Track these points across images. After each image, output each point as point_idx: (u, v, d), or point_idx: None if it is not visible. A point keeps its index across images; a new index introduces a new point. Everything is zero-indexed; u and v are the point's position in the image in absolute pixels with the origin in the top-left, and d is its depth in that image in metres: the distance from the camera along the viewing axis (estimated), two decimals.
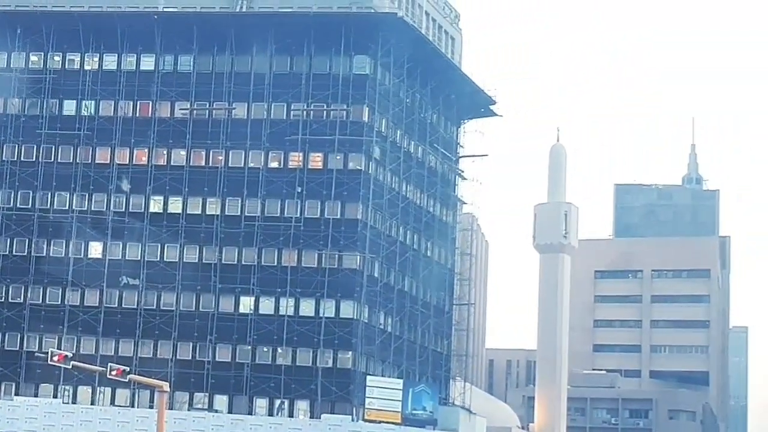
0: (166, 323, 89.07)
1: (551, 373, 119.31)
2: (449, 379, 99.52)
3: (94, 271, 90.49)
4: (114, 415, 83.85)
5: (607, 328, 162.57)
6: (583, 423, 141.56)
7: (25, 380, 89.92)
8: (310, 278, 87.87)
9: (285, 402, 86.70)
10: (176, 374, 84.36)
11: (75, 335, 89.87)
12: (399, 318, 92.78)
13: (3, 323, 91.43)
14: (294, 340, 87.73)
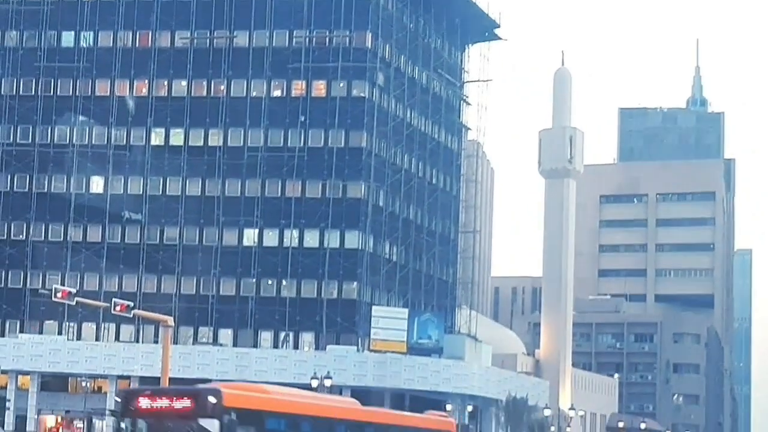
0: (169, 258, 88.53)
1: (556, 300, 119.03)
2: (455, 307, 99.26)
3: (96, 207, 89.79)
4: (119, 351, 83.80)
5: (612, 253, 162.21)
6: (588, 348, 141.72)
7: (30, 318, 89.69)
8: (315, 209, 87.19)
9: (290, 334, 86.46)
10: (180, 309, 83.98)
11: (78, 272, 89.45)
12: (404, 247, 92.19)
13: (5, 261, 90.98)
14: (298, 271, 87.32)
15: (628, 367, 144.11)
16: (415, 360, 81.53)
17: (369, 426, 32.23)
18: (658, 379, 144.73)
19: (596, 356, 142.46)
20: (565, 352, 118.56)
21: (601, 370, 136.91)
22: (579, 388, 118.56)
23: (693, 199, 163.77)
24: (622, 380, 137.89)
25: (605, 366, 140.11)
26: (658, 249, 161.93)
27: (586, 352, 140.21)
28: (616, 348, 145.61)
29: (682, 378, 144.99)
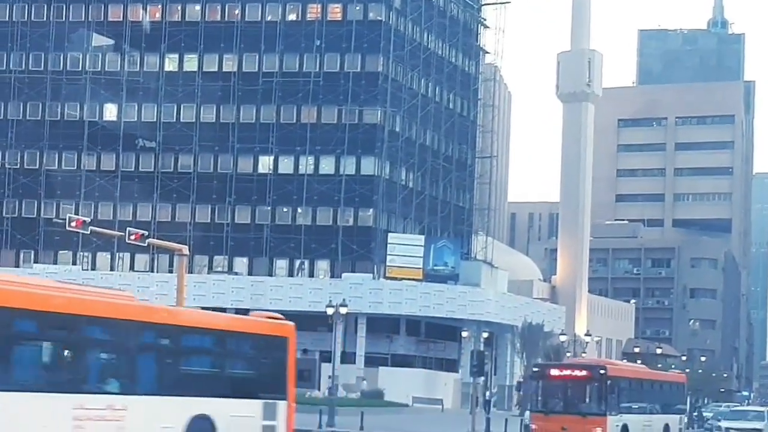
0: (183, 186, 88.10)
1: (573, 225, 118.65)
2: (471, 233, 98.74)
3: (109, 134, 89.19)
4: (133, 281, 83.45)
5: (630, 177, 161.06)
6: (605, 274, 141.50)
7: (44, 248, 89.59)
8: (330, 135, 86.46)
9: (305, 262, 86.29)
10: (195, 237, 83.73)
11: (92, 201, 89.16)
12: (420, 173, 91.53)
13: (19, 190, 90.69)
14: (314, 199, 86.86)
15: (644, 293, 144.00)
16: (430, 287, 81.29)
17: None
18: (674, 305, 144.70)
19: (613, 282, 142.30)
20: (581, 278, 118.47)
21: (618, 296, 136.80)
22: (595, 314, 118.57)
23: (712, 123, 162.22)
24: (638, 306, 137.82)
25: (622, 291, 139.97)
26: (676, 173, 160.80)
27: (603, 277, 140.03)
28: (632, 273, 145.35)
29: (698, 303, 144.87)
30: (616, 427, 37.46)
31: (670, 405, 44.43)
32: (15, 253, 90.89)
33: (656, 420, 41.82)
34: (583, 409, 37.64)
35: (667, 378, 49.94)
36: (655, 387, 43.93)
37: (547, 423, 37.45)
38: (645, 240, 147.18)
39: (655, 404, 42.55)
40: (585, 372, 38.69)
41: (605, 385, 37.41)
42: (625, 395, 39.34)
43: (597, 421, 37.00)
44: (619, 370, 41.07)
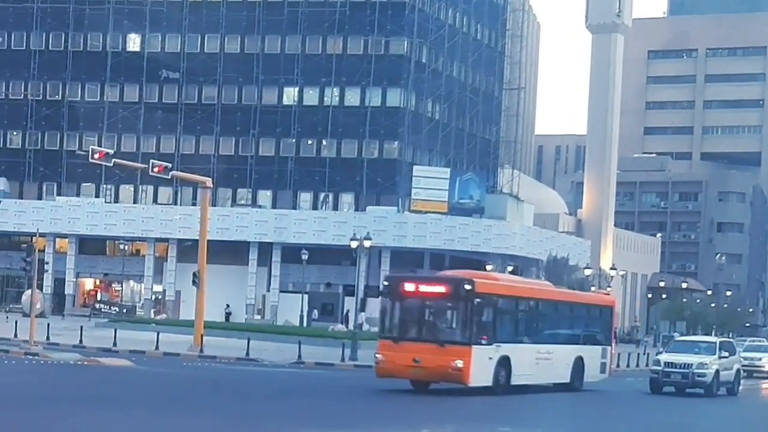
0: (207, 118, 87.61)
1: (600, 158, 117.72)
2: (497, 166, 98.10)
3: (132, 65, 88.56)
4: (157, 213, 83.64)
5: (659, 110, 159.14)
6: (631, 207, 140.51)
7: (67, 180, 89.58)
8: (356, 66, 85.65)
9: (329, 195, 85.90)
10: (219, 170, 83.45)
11: (115, 132, 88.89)
12: (447, 105, 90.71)
13: (42, 122, 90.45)
14: (339, 131, 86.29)
15: (671, 227, 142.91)
16: (455, 220, 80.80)
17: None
18: (701, 239, 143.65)
19: (639, 215, 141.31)
20: (607, 212, 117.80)
21: (644, 230, 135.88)
22: (621, 248, 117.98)
23: (743, 54, 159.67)
24: (664, 240, 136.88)
25: (648, 225, 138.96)
26: (705, 106, 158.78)
27: (629, 211, 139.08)
28: (659, 207, 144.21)
29: (725, 237, 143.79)
30: (489, 359, 30.56)
31: (588, 334, 37.41)
32: (38, 185, 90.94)
33: (560, 352, 34.74)
34: (440, 335, 30.62)
35: (581, 299, 40.36)
36: (561, 310, 36.39)
37: (396, 353, 30.34)
38: (672, 173, 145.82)
39: (560, 332, 35.70)
40: (444, 287, 31.15)
41: (471, 305, 30.04)
42: (509, 319, 33.14)
43: (458, 351, 29.78)
44: (495, 286, 32.38)
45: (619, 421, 27.67)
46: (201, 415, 22.34)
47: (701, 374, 37.07)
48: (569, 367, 35.23)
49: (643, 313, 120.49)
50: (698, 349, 38.76)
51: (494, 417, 26.29)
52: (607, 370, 37.89)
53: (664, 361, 37.97)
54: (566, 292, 40.91)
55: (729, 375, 38.64)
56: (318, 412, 24.28)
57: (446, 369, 29.72)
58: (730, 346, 40.58)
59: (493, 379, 30.88)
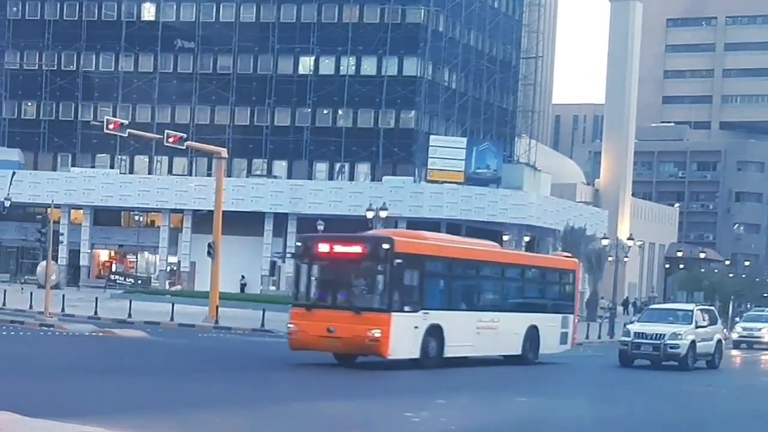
0: (222, 87, 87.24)
1: (618, 127, 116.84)
2: (514, 136, 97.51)
3: (147, 35, 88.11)
4: (172, 184, 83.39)
5: (678, 78, 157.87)
6: (649, 177, 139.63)
7: (82, 151, 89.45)
8: (372, 35, 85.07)
9: (345, 165, 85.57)
10: (234, 140, 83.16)
11: (130, 103, 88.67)
12: (464, 74, 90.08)
13: (56, 93, 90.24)
14: (355, 100, 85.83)
15: (689, 196, 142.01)
16: (472, 190, 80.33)
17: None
18: (719, 209, 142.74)
19: (657, 185, 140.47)
20: (625, 181, 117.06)
21: (662, 200, 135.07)
22: (638, 218, 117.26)
23: (763, 22, 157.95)
24: (682, 209, 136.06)
25: (666, 195, 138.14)
26: (724, 74, 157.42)
27: (647, 181, 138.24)
28: (677, 177, 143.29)
29: (743, 207, 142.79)
30: (414, 329, 27.39)
31: (545, 300, 34.38)
32: (53, 156, 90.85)
33: (509, 320, 31.57)
34: (357, 302, 27.34)
35: (535, 262, 36.89)
36: (509, 274, 33.10)
37: (309, 322, 27.42)
38: (691, 143, 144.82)
39: (509, 298, 32.58)
40: (361, 247, 27.75)
41: (391, 267, 26.77)
42: (441, 284, 29.80)
43: (375, 319, 26.61)
44: (421, 246, 28.87)
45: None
46: (213, 383, 22.15)
47: (674, 345, 34.12)
48: (520, 338, 32.13)
49: (661, 284, 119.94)
50: (673, 318, 35.88)
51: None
52: (568, 340, 34.93)
53: (634, 331, 35.06)
54: (517, 254, 38.92)
55: (708, 346, 35.69)
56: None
57: (362, 340, 26.64)
58: (711, 315, 37.39)
59: (421, 351, 27.70)
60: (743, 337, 53.96)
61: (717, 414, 22.85)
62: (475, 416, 19.19)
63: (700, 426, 20.47)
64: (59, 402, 17.69)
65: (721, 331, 37.49)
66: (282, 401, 19.83)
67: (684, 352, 34.18)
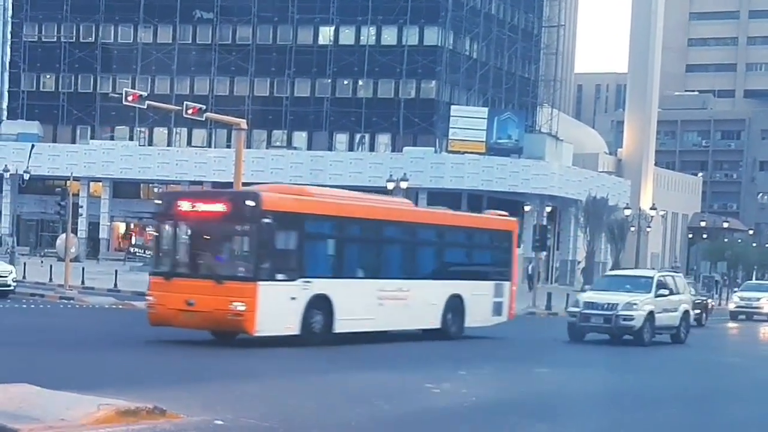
0: (242, 58, 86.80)
1: (641, 96, 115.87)
2: (536, 105, 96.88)
3: (166, 6, 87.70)
4: (191, 156, 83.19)
5: (702, 47, 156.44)
6: (672, 146, 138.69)
7: (100, 123, 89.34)
8: (393, 4, 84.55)
9: (366, 136, 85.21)
10: (254, 111, 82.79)
11: (149, 74, 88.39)
12: (485, 43, 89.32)
13: (75, 65, 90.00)
14: (375, 71, 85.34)
15: (712, 166, 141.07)
16: (493, 160, 79.81)
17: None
18: (743, 178, 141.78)
19: (680, 155, 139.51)
20: (648, 151, 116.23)
21: (685, 169, 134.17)
22: (661, 188, 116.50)
23: None
24: (706, 179, 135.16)
25: (689, 164, 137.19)
26: (749, 42, 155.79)
27: (670, 150, 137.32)
28: (701, 146, 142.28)
29: None
30: (291, 300, 23.63)
31: (473, 266, 30.63)
32: (72, 128, 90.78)
33: (423, 289, 27.61)
34: (219, 269, 23.72)
35: (459, 222, 31.59)
36: (423, 236, 28.93)
37: (167, 293, 23.80)
38: (715, 111, 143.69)
39: (423, 263, 28.67)
40: (224, 205, 24.02)
41: (258, 228, 23.12)
42: (329, 247, 26.00)
43: (239, 289, 22.98)
44: (298, 203, 24.72)
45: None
46: (238, 355, 21.92)
47: (628, 317, 30.08)
48: (439, 309, 28.16)
49: (684, 254, 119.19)
50: (631, 286, 31.64)
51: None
52: (504, 311, 30.86)
53: (584, 300, 30.96)
54: (434, 212, 32.36)
55: (671, 318, 31.75)
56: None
57: (224, 314, 22.89)
58: (677, 282, 33.34)
59: (302, 326, 23.92)
60: (741, 307, 51.22)
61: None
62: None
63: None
64: (78, 374, 17.45)
65: (688, 301, 33.49)
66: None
67: (639, 324, 30.23)
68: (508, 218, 32.75)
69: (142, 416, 12.87)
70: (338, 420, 14.47)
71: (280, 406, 15.36)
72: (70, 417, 12.50)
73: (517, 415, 15.83)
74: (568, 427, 15.39)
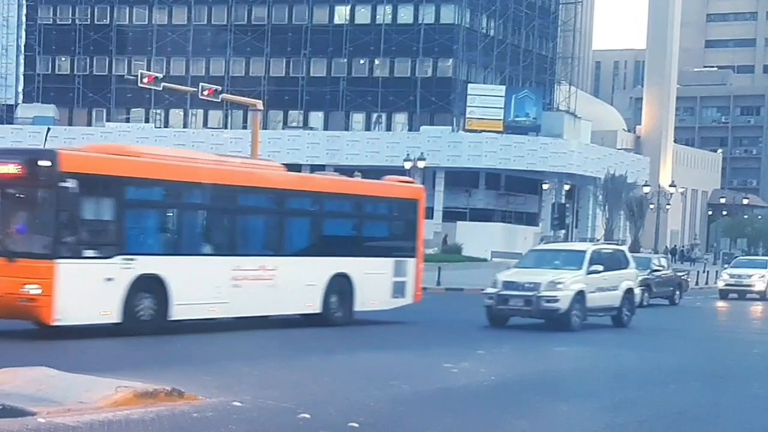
0: (257, 38, 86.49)
1: (660, 73, 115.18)
2: (554, 83, 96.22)
3: None
4: (207, 138, 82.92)
5: (721, 22, 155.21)
6: (692, 123, 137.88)
7: (116, 105, 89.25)
8: None
9: (382, 115, 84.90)
10: (269, 92, 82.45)
11: (164, 56, 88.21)
12: (502, 21, 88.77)
13: (90, 47, 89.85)
14: (392, 50, 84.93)
15: (732, 142, 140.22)
16: (511, 139, 79.36)
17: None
18: (763, 153, 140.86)
19: (700, 131, 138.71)
20: (667, 128, 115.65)
21: (705, 145, 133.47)
22: (680, 165, 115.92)
23: None
24: (725, 155, 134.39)
25: (709, 141, 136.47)
26: None
27: (690, 126, 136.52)
28: (720, 122, 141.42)
29: None
30: (106, 281, 19.97)
31: (368, 241, 26.42)
32: (87, 111, 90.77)
33: (294, 267, 23.61)
34: (11, 244, 19.82)
35: (346, 189, 26.61)
36: (296, 205, 24.75)
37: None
38: (734, 87, 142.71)
39: (295, 238, 24.74)
40: (15, 167, 19.83)
41: (57, 194, 19.41)
42: (163, 217, 22.39)
43: (33, 269, 19.23)
44: (112, 163, 20.67)
45: None
46: (261, 337, 21.59)
47: (551, 298, 25.74)
48: (319, 291, 24.10)
49: (703, 231, 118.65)
50: (560, 262, 27.38)
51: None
52: (407, 292, 26.68)
53: (503, 280, 26.59)
54: (311, 177, 29.05)
55: (610, 298, 27.48)
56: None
57: (16, 298, 19.18)
58: (614, 257, 28.65)
59: (124, 313, 20.31)
60: (730, 285, 46.78)
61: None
62: None
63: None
64: (94, 358, 17.19)
65: (632, 278, 28.87)
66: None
67: (565, 306, 25.80)
68: (412, 185, 29.02)
69: (160, 398, 12.84)
70: (357, 400, 14.21)
71: (298, 387, 15.13)
72: (88, 399, 12.43)
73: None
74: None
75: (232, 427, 12.04)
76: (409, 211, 27.26)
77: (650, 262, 40.28)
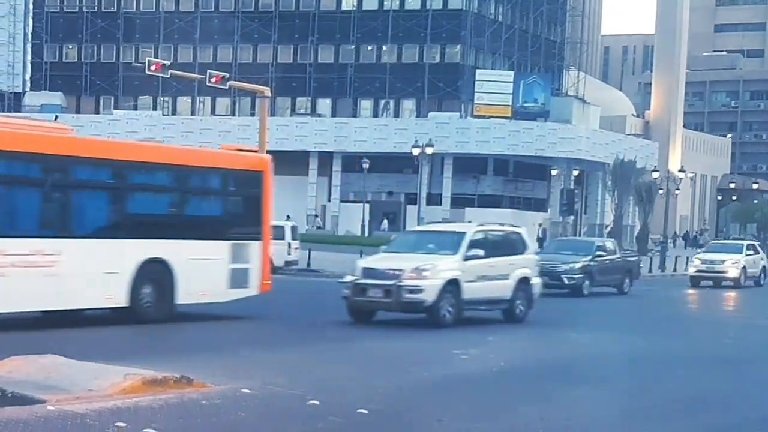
0: (264, 25, 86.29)
1: (669, 57, 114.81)
2: (562, 68, 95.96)
3: None
4: (215, 125, 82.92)
5: (730, 6, 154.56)
6: (701, 108, 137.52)
7: (124, 93, 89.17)
8: None
9: (390, 102, 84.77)
10: (277, 79, 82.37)
11: (171, 43, 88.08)
12: (510, 6, 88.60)
13: (97, 35, 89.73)
14: (399, 36, 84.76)
15: (742, 126, 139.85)
16: (520, 124, 79.21)
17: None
18: None
19: (709, 116, 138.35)
20: (676, 112, 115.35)
21: (714, 130, 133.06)
22: (690, 150, 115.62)
23: None
24: (735, 140, 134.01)
25: (718, 126, 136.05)
26: None
27: (699, 111, 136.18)
28: (730, 107, 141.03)
29: None
30: None
31: (196, 220, 22.58)
32: (95, 99, 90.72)
33: (86, 252, 19.59)
34: None
35: (162, 157, 22.25)
36: (90, 175, 20.51)
37: None
38: (744, 71, 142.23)
39: (88, 216, 20.56)
40: None
41: None
42: None
43: None
44: None
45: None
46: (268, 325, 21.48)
47: (414, 288, 21.55)
48: (125, 280, 20.12)
49: (713, 216, 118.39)
50: (434, 246, 23.39)
51: None
52: (250, 281, 22.66)
53: (362, 267, 22.61)
54: (119, 143, 26.42)
55: (496, 288, 23.31)
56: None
57: None
58: (506, 241, 24.65)
59: None
60: (702, 272, 43.54)
61: None
62: None
63: None
64: (104, 346, 17.11)
65: (532, 265, 24.92)
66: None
67: (432, 298, 21.61)
68: (255, 155, 24.70)
69: (169, 385, 12.83)
70: (368, 386, 14.17)
71: (306, 373, 15.08)
72: (97, 387, 12.44)
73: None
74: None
75: (241, 414, 11.99)
76: (250, 185, 23.14)
77: (593, 246, 36.69)
